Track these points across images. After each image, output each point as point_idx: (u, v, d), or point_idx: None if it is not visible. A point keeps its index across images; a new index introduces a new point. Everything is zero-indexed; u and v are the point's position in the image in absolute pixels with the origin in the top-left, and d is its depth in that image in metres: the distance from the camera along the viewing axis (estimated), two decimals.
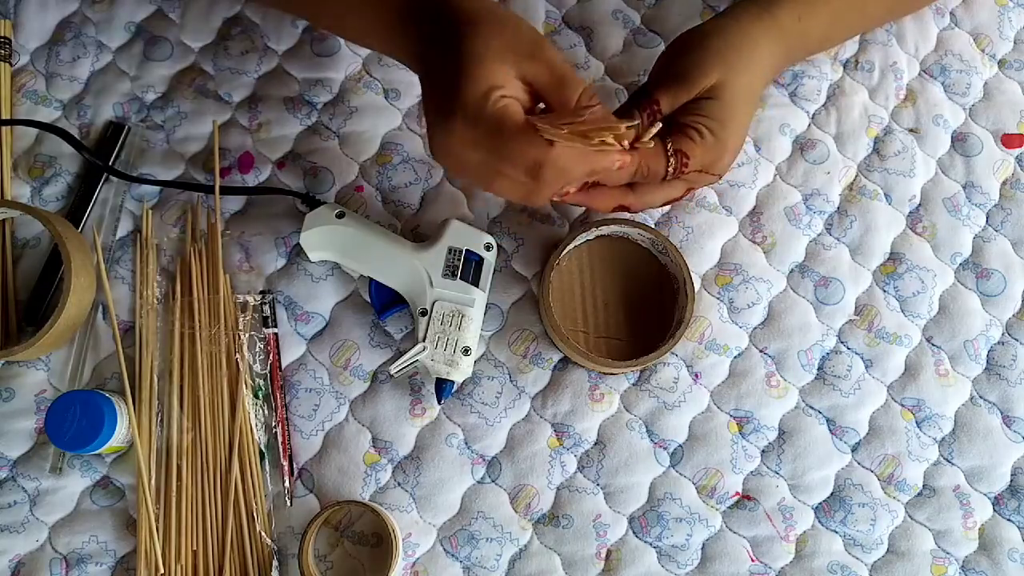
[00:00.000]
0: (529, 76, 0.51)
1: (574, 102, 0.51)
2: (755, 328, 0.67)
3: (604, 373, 0.65)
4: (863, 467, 0.65)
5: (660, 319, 0.65)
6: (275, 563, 0.62)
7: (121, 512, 0.63)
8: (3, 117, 0.69)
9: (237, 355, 0.64)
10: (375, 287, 0.66)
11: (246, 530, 0.62)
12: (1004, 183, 0.71)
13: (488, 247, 0.65)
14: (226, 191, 0.68)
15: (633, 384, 0.66)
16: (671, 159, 0.57)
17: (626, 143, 0.53)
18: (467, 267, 0.64)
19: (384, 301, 0.65)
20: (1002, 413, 0.66)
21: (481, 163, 0.51)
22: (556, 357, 0.66)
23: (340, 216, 0.64)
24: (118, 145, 0.69)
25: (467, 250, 0.64)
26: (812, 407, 0.66)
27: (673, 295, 0.66)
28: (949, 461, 0.65)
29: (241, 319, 0.65)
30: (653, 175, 0.57)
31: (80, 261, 0.63)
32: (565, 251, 0.65)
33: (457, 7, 0.53)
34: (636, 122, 0.55)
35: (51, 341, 0.62)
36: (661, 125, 0.55)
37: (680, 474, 0.64)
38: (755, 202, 0.70)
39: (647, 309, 0.66)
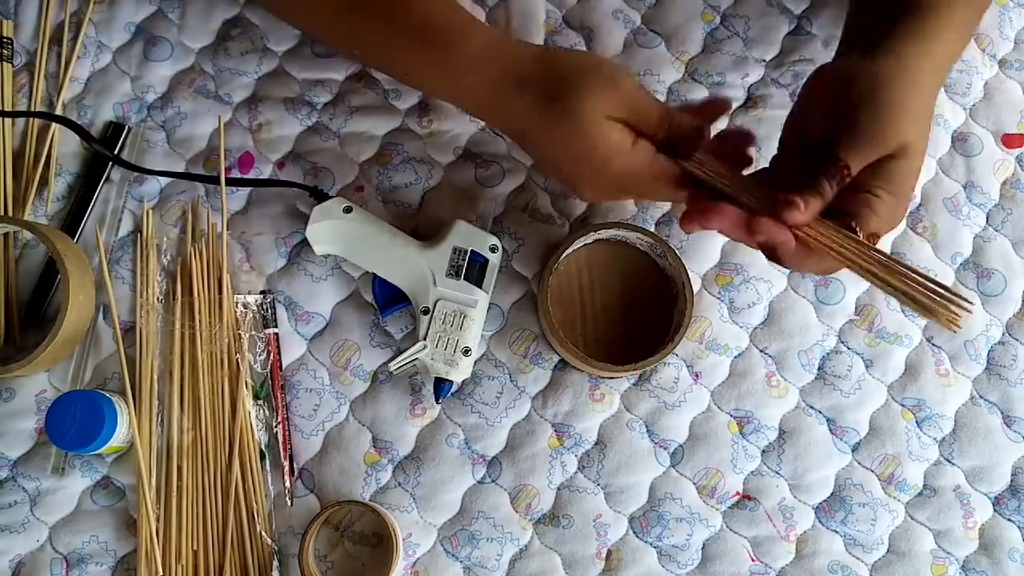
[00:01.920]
0: (632, 120, 0.54)
1: (664, 130, 0.55)
2: (755, 328, 0.67)
3: (603, 377, 0.65)
4: (863, 467, 0.65)
5: (659, 322, 0.65)
6: (275, 563, 0.62)
7: (121, 512, 0.63)
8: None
9: (237, 355, 0.64)
10: (378, 283, 0.66)
11: (246, 530, 0.62)
12: (1004, 183, 0.71)
13: (493, 249, 0.65)
14: (232, 182, 0.68)
15: (633, 384, 0.66)
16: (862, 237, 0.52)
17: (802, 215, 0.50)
18: (471, 268, 0.64)
19: (387, 298, 0.66)
20: (1002, 413, 0.66)
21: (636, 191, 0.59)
22: (556, 357, 0.66)
23: (347, 211, 0.64)
24: (118, 145, 0.69)
25: (472, 251, 0.64)
26: (812, 407, 0.66)
27: (672, 298, 0.66)
28: (949, 461, 0.65)
29: (241, 319, 0.65)
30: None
31: (78, 279, 0.63)
32: (564, 255, 0.65)
33: (564, 68, 0.55)
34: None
35: (48, 358, 0.62)
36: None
37: (680, 474, 0.64)
38: None
39: (646, 312, 0.66)
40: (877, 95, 0.52)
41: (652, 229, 0.68)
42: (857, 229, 0.51)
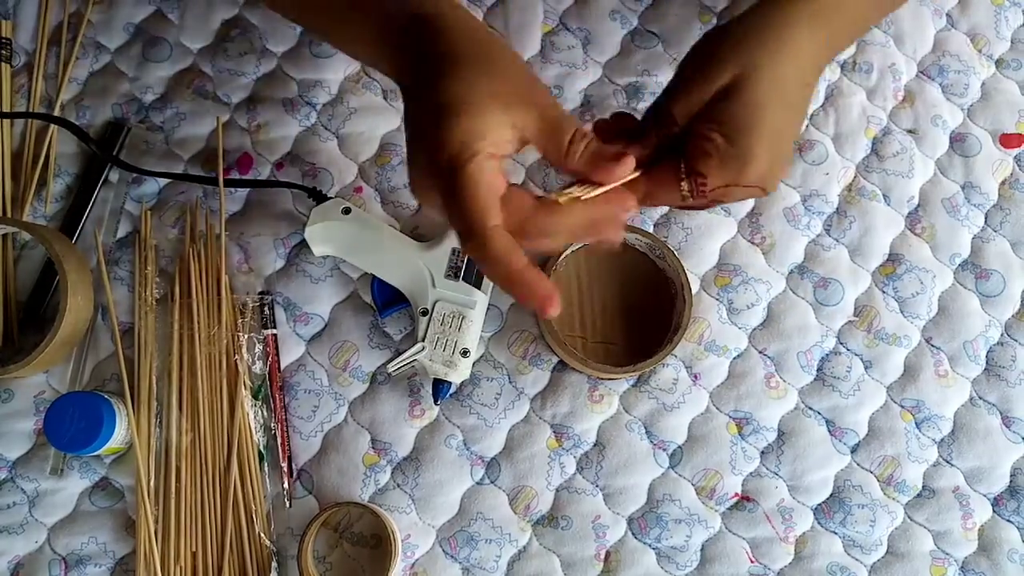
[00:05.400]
0: (518, 123, 0.46)
1: (565, 147, 0.47)
2: (754, 329, 0.67)
3: (602, 378, 0.65)
4: (862, 468, 0.65)
5: (658, 324, 0.65)
6: (274, 564, 0.62)
7: (120, 513, 0.63)
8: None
9: (236, 356, 0.64)
10: (377, 284, 0.66)
11: (245, 531, 0.62)
12: (1003, 183, 0.71)
13: None
14: (231, 183, 0.68)
15: (632, 385, 0.66)
16: (684, 183, 0.49)
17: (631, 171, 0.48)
18: (470, 269, 0.64)
19: (386, 299, 0.66)
20: (1001, 414, 0.66)
21: (446, 210, 0.47)
22: (555, 358, 0.66)
23: (346, 212, 0.64)
24: (117, 146, 0.69)
25: None
26: (811, 408, 0.66)
27: (671, 300, 0.66)
28: (948, 462, 0.65)
29: (240, 320, 0.65)
30: (667, 202, 0.50)
31: (77, 280, 0.62)
32: (562, 256, 0.65)
33: (443, 40, 0.48)
34: (635, 172, 0.48)
35: (47, 359, 0.62)
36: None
37: (679, 475, 0.64)
38: (754, 203, 0.70)
39: (645, 314, 0.66)
40: (708, 36, 0.48)
41: (651, 230, 0.68)
42: (682, 173, 0.48)
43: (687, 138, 0.49)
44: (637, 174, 0.49)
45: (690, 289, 0.64)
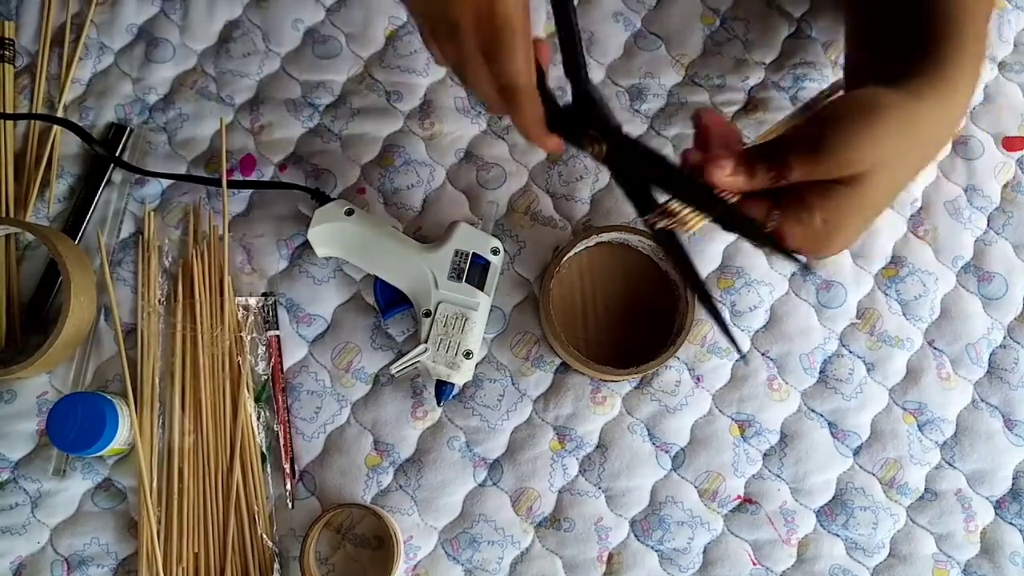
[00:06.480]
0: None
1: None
2: (757, 331, 0.67)
3: (604, 380, 0.65)
4: (865, 471, 0.65)
5: (660, 326, 0.65)
6: (276, 565, 0.62)
7: (123, 514, 0.63)
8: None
9: (239, 357, 0.64)
10: (380, 286, 0.66)
11: (247, 532, 0.62)
12: (1005, 186, 0.71)
13: (495, 251, 0.65)
14: (234, 184, 0.68)
15: (635, 387, 0.66)
16: (768, 225, 0.50)
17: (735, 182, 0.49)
18: (473, 270, 0.64)
19: (388, 300, 0.66)
20: (1004, 416, 0.66)
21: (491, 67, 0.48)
22: (558, 360, 0.66)
23: (349, 213, 0.64)
24: (120, 147, 0.69)
25: (474, 253, 0.64)
26: (814, 410, 0.66)
27: (674, 302, 0.66)
28: (951, 465, 0.65)
29: (243, 321, 0.65)
30: (740, 232, 0.51)
31: (80, 281, 0.62)
32: (565, 258, 0.65)
33: None
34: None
35: (50, 359, 0.62)
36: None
37: (682, 477, 0.64)
38: None
39: (647, 315, 0.66)
40: (855, 113, 0.48)
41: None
42: (771, 223, 0.49)
43: (789, 194, 0.49)
44: (736, 199, 0.50)
45: (693, 291, 0.64)
